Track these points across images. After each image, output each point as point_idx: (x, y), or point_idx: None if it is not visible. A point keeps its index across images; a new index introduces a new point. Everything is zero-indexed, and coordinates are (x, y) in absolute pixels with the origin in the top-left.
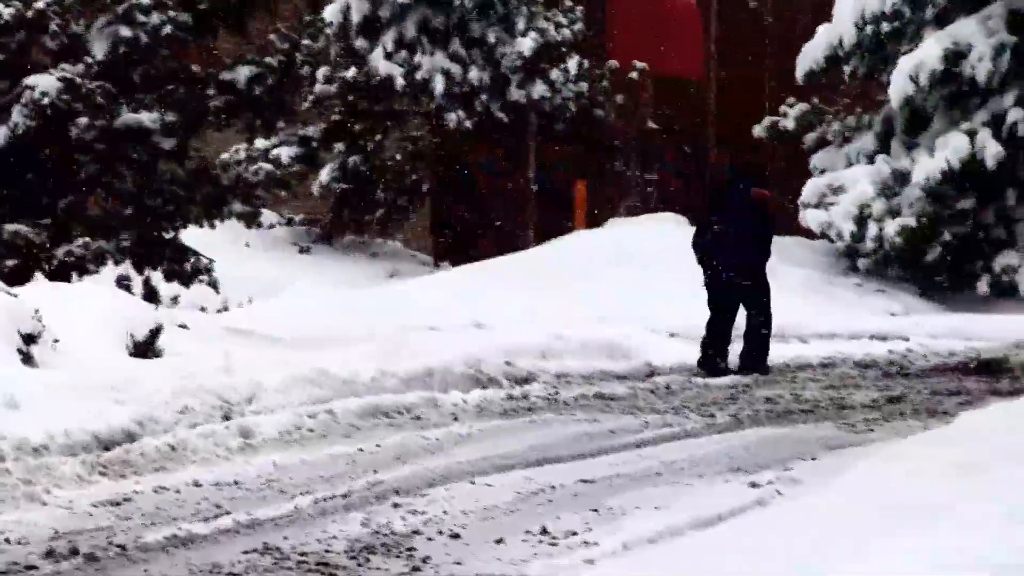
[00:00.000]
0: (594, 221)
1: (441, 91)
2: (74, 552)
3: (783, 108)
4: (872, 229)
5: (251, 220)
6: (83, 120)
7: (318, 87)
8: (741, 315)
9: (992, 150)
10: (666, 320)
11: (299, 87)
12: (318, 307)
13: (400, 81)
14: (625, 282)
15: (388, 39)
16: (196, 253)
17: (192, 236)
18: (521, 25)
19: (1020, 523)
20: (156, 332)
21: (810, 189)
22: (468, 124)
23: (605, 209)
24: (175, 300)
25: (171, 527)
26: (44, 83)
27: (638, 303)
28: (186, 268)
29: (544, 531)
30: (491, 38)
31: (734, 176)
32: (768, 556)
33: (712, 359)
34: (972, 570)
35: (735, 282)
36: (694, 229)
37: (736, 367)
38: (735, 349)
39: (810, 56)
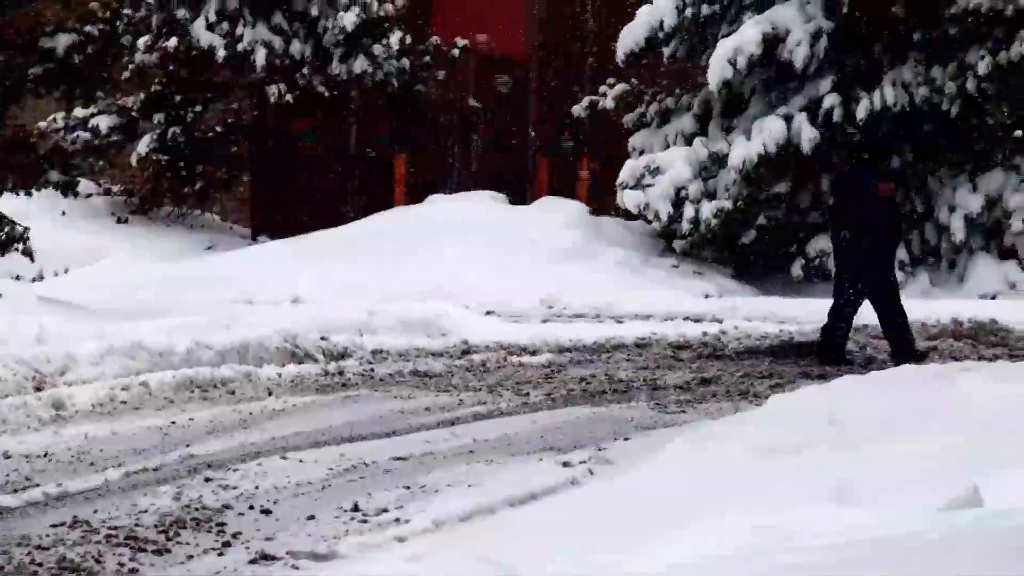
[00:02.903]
0: (414, 197)
1: (263, 64)
2: None
3: (603, 88)
4: (688, 211)
5: (68, 189)
6: None
7: (139, 56)
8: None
9: (808, 135)
10: (483, 298)
11: (119, 56)
12: (135, 279)
13: (221, 52)
14: (443, 258)
15: (210, 9)
16: (11, 221)
17: (7, 204)
18: None
19: (826, 503)
20: None
21: (628, 169)
22: (289, 97)
23: (425, 185)
24: None
25: None
26: None
27: (456, 280)
28: (0, 236)
29: (356, 508)
30: (314, 11)
31: (856, 170)
32: (579, 533)
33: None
34: (780, 549)
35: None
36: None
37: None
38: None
39: (631, 37)
